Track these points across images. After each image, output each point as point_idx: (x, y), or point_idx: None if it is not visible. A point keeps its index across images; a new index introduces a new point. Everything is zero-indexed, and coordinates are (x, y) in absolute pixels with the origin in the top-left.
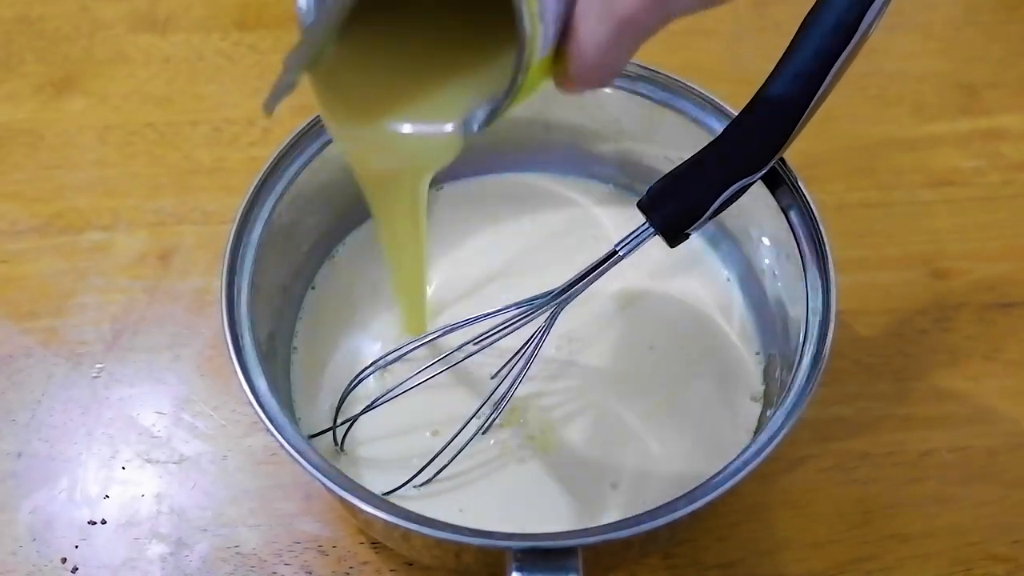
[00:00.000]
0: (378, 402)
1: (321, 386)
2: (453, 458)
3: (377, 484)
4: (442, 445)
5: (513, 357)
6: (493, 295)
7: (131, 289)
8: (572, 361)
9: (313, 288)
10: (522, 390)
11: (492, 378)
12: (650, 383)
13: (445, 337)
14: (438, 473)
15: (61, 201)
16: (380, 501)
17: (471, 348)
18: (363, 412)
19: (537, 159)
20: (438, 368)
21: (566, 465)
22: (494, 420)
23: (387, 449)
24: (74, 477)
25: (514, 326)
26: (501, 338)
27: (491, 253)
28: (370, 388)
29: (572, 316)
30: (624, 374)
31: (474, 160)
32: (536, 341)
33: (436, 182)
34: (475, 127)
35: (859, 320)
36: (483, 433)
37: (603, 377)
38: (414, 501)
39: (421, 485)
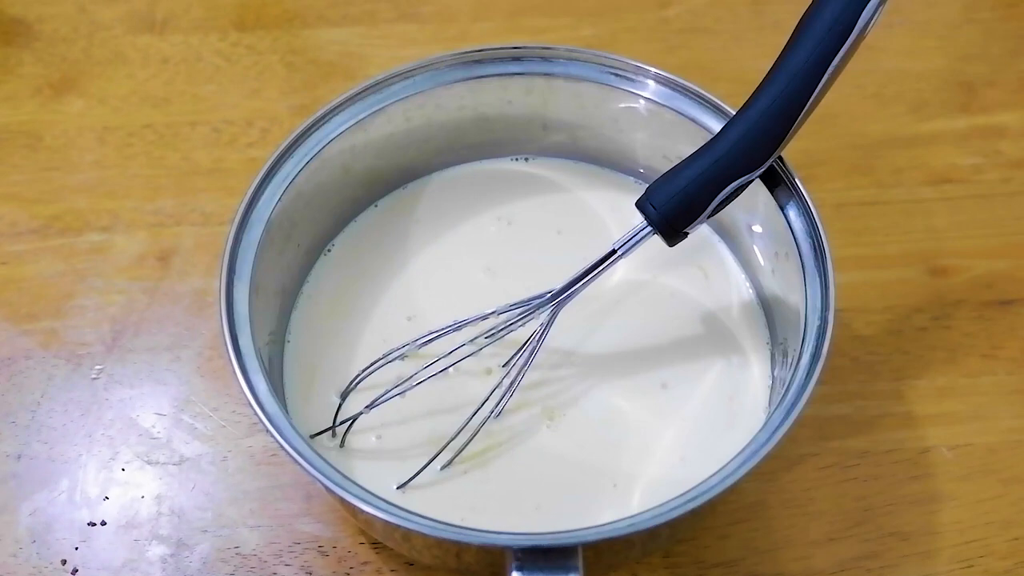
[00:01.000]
0: (378, 402)
1: (316, 381)
2: (452, 459)
3: (376, 484)
4: (441, 446)
5: (512, 358)
6: (489, 285)
7: (130, 290)
8: (572, 357)
9: (307, 283)
10: (521, 389)
11: (502, 368)
12: (652, 379)
13: (445, 337)
14: (447, 466)
15: (60, 202)
16: (380, 501)
17: (470, 348)
18: (363, 412)
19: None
20: (437, 368)
21: (566, 464)
22: (494, 415)
23: (386, 449)
24: (74, 479)
25: (513, 326)
26: (500, 338)
27: (486, 241)
28: (369, 388)
29: (571, 310)
30: (625, 369)
31: (469, 149)
32: (535, 341)
33: (426, 171)
34: None
35: (858, 318)
36: (477, 434)
37: (604, 373)
38: (414, 501)
39: (421, 486)
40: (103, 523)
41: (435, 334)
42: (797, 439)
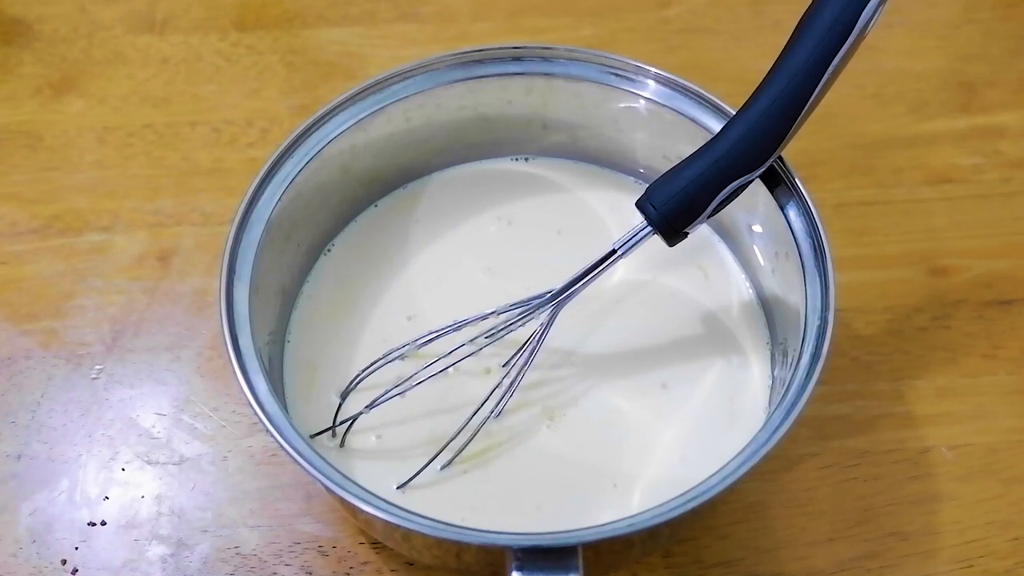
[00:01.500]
0: (378, 402)
1: (316, 381)
2: (452, 459)
3: (376, 484)
4: (441, 446)
5: (512, 358)
6: (489, 285)
7: (130, 290)
8: (572, 357)
9: (307, 283)
10: (521, 389)
11: (502, 368)
12: (652, 378)
13: (445, 337)
14: (447, 465)
15: (60, 202)
16: (380, 501)
17: (470, 348)
18: (363, 412)
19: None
20: (437, 368)
21: (566, 464)
22: (494, 415)
23: (386, 449)
24: (74, 479)
25: (513, 326)
26: (500, 338)
27: (486, 241)
28: (369, 388)
29: (571, 310)
30: (625, 369)
31: (469, 149)
32: (535, 341)
33: (426, 171)
34: None
35: (858, 318)
36: (477, 433)
37: (604, 373)
38: (414, 501)
39: (421, 486)
40: (103, 523)
41: (435, 334)
42: (797, 439)
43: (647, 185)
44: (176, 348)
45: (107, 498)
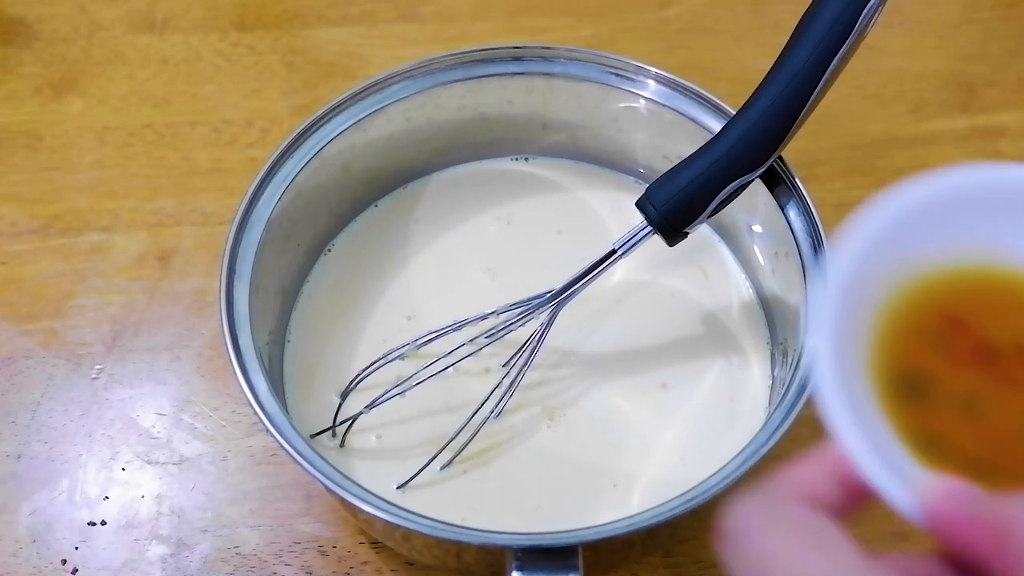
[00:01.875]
0: (378, 402)
1: (316, 381)
2: (452, 459)
3: (376, 484)
4: (441, 446)
5: (512, 358)
6: (489, 285)
7: (130, 290)
8: (572, 357)
9: (308, 282)
10: (521, 389)
11: (502, 368)
12: (652, 378)
13: (444, 337)
14: (447, 465)
15: (60, 202)
16: (380, 501)
17: (470, 348)
18: (363, 412)
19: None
20: (437, 368)
21: (566, 464)
22: (494, 415)
23: (386, 449)
24: (74, 479)
25: (513, 326)
26: (500, 338)
27: (486, 241)
28: (369, 387)
29: (571, 310)
30: (625, 369)
31: (469, 149)
32: (535, 341)
33: (426, 171)
34: None
35: None
36: (477, 433)
37: (604, 373)
38: (414, 501)
39: (421, 486)
40: (103, 523)
41: (435, 334)
42: (797, 439)
43: (647, 185)
44: (176, 348)
45: (107, 498)
